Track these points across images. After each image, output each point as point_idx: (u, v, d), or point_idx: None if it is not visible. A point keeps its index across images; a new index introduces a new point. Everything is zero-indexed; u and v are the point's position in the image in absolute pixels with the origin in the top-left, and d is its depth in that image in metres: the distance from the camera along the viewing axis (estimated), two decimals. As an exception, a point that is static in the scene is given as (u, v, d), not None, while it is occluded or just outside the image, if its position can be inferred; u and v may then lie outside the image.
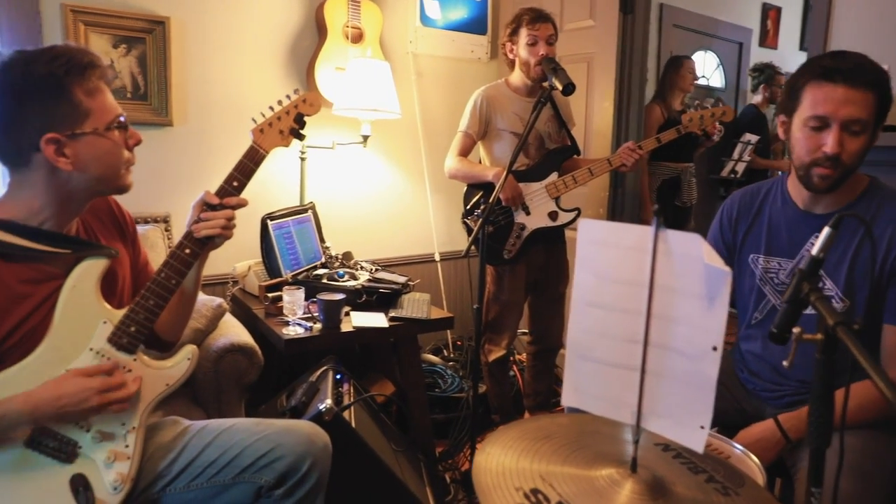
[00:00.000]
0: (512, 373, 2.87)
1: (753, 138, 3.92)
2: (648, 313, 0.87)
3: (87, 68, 1.14)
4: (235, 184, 1.31)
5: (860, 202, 1.41)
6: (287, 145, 1.40)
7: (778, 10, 5.32)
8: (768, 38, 5.29)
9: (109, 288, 1.28)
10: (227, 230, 1.28)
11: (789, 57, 5.30)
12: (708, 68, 4.84)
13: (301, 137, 1.42)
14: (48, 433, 1.17)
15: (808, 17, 5.59)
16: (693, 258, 0.81)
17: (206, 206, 1.28)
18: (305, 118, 1.40)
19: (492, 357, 2.63)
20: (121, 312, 1.24)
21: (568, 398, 0.98)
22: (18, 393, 1.11)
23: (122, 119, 1.21)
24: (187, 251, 1.27)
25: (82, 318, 1.21)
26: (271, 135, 1.37)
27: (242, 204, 1.31)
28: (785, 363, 0.89)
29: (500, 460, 0.97)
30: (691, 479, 0.96)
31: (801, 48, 5.57)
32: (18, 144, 1.12)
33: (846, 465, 1.10)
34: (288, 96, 1.41)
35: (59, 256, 1.18)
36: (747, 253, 1.56)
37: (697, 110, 2.29)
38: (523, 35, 2.38)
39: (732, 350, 1.68)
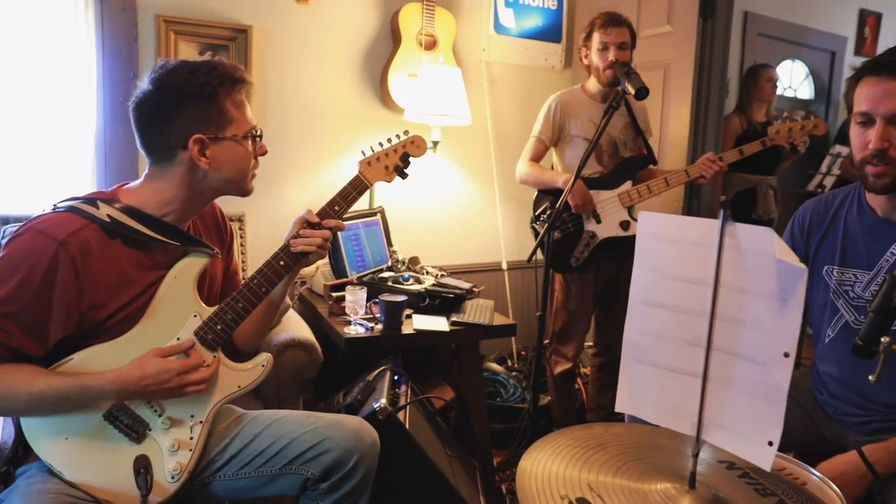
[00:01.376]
0: (576, 386, 2.79)
1: (844, 150, 3.67)
2: (712, 314, 0.81)
3: (238, 82, 1.27)
4: (337, 208, 1.39)
5: None
6: (390, 181, 1.48)
7: (878, 16, 4.97)
8: (866, 45, 4.95)
9: (202, 286, 1.36)
10: (322, 249, 1.35)
11: (891, 67, 4.94)
12: (796, 78, 4.58)
13: (404, 176, 1.49)
14: (125, 410, 1.24)
15: (912, 25, 5.21)
16: (764, 255, 0.75)
17: (306, 223, 1.36)
18: (411, 159, 1.48)
19: (558, 369, 2.56)
20: (211, 309, 1.31)
21: (622, 404, 0.93)
22: (108, 369, 1.19)
23: (255, 131, 1.31)
24: (282, 263, 1.34)
25: (176, 308, 1.29)
26: (377, 169, 1.45)
27: (341, 227, 1.38)
28: (871, 378, 0.80)
29: (546, 466, 0.93)
30: (757, 502, 0.89)
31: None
32: (169, 141, 1.24)
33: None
34: (398, 136, 1.48)
35: (168, 247, 1.28)
36: (821, 264, 1.45)
37: (786, 122, 2.15)
38: (596, 39, 2.33)
39: (810, 370, 1.56)
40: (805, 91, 4.62)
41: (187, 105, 1.22)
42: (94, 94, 2.35)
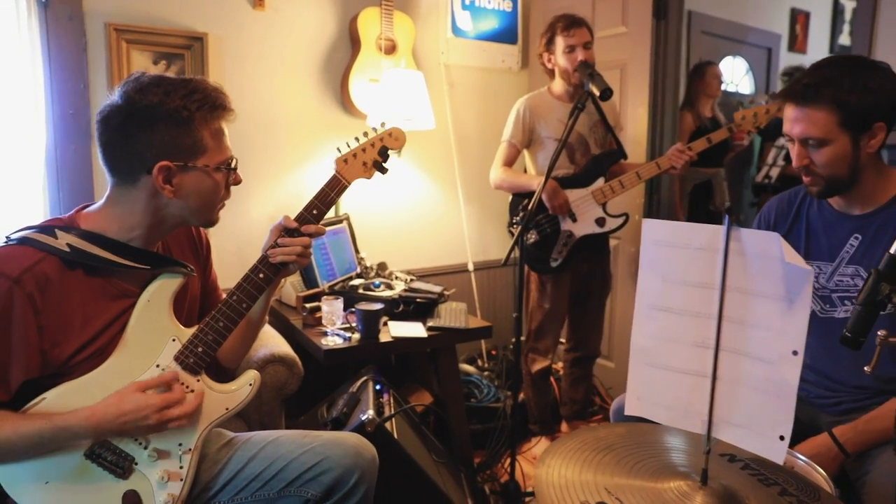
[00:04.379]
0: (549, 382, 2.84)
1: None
2: (720, 317, 0.84)
3: (218, 108, 1.19)
4: (315, 212, 1.31)
5: None
6: (369, 177, 1.40)
7: (807, 14, 5.23)
8: (797, 42, 5.21)
9: (179, 306, 1.29)
10: (302, 258, 1.28)
11: (820, 61, 5.21)
12: (737, 74, 4.77)
13: (384, 171, 1.41)
14: (108, 446, 1.18)
15: (836, 22, 5.51)
16: (770, 258, 0.78)
17: (284, 231, 1.29)
18: (390, 152, 1.41)
19: (536, 367, 2.59)
20: (190, 331, 1.24)
21: (631, 407, 0.95)
22: (82, 407, 1.12)
23: (231, 163, 1.24)
24: (261, 275, 1.27)
25: (153, 334, 1.22)
26: (355, 166, 1.37)
27: (321, 233, 1.31)
28: (867, 369, 0.85)
29: (562, 473, 0.94)
30: (764, 492, 0.93)
31: (832, 52, 5.48)
32: (133, 163, 1.15)
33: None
34: (374, 129, 1.41)
35: (136, 272, 1.20)
36: None
37: (750, 108, 2.22)
38: (559, 43, 2.36)
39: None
40: (746, 86, 4.82)
41: (158, 128, 1.13)
42: (42, 107, 2.24)
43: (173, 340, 1.23)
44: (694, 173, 3.58)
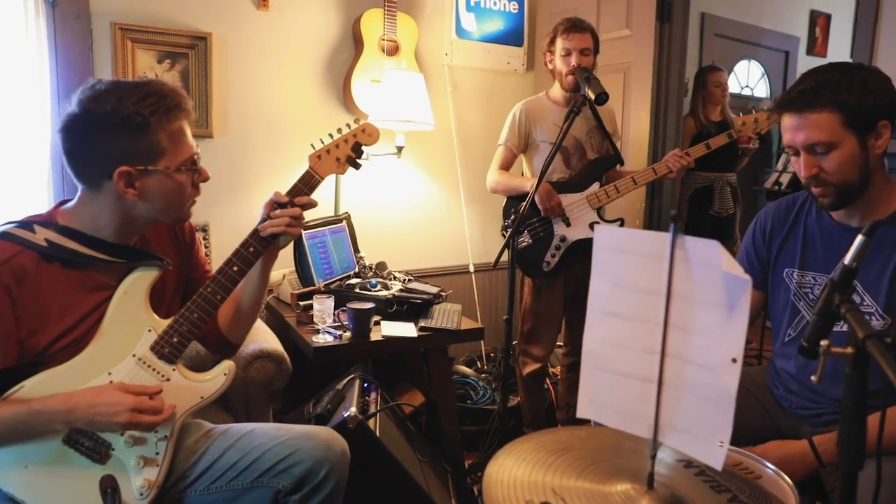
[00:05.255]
0: (545, 386, 2.83)
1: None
2: (665, 323, 0.84)
3: (174, 110, 1.20)
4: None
5: None
6: (342, 173, 1.44)
7: (827, 17, 5.15)
8: (817, 46, 5.13)
9: (159, 298, 1.33)
10: (292, 228, 1.31)
11: (840, 66, 5.12)
12: (752, 78, 4.71)
13: (357, 167, 1.44)
14: (85, 432, 1.22)
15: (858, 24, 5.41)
16: (711, 266, 0.78)
17: (275, 205, 1.33)
18: (363, 148, 1.43)
19: (526, 370, 2.59)
20: (165, 322, 1.28)
21: (583, 410, 0.96)
22: (59, 392, 1.17)
23: (194, 159, 1.26)
24: (235, 268, 1.30)
25: (129, 325, 1.26)
26: (328, 161, 1.40)
27: (312, 204, 1.35)
28: (813, 378, 0.85)
29: (512, 472, 0.95)
30: (713, 499, 0.92)
31: (853, 56, 5.38)
32: (94, 169, 1.19)
33: (885, 494, 1.04)
34: (348, 125, 1.44)
35: (112, 266, 1.24)
36: (782, 267, 1.51)
37: (751, 113, 2.19)
38: (559, 45, 2.36)
39: (768, 366, 1.62)
40: (761, 90, 4.76)
41: (113, 134, 1.15)
42: (47, 103, 2.30)
43: (149, 331, 1.27)
44: (694, 178, 3.55)
